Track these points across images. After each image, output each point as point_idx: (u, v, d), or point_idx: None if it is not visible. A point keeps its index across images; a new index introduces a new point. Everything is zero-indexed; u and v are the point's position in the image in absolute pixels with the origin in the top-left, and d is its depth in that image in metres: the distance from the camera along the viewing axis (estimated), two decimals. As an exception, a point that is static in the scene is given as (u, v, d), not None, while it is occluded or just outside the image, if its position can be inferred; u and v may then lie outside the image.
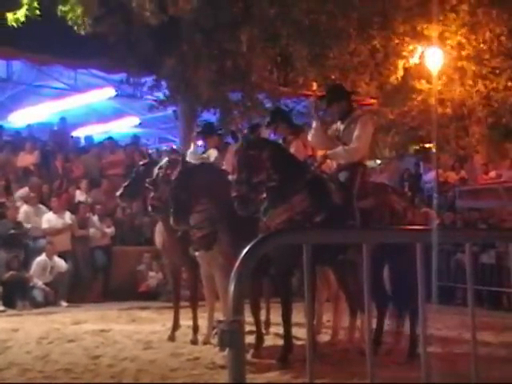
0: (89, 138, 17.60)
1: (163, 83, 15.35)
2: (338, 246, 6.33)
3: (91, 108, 18.99)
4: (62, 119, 17.09)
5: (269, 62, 14.94)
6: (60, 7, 12.81)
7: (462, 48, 17.36)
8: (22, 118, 18.61)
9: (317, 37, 14.66)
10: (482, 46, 17.36)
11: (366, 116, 7.44)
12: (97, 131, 19.50)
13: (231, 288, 2.34)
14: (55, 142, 16.10)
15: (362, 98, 19.12)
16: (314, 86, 16.82)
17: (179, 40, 14.01)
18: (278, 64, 15.19)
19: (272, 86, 15.48)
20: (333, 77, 16.02)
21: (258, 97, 15.44)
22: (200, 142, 8.73)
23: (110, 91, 17.26)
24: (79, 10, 12.51)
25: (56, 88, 17.31)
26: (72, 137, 17.75)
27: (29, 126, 17.04)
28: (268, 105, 15.77)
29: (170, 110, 16.65)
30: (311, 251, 2.51)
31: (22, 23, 11.65)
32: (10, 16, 11.65)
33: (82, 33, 12.57)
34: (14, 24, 11.66)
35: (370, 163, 20.95)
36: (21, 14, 11.59)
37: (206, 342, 7.62)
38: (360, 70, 16.13)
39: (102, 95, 17.57)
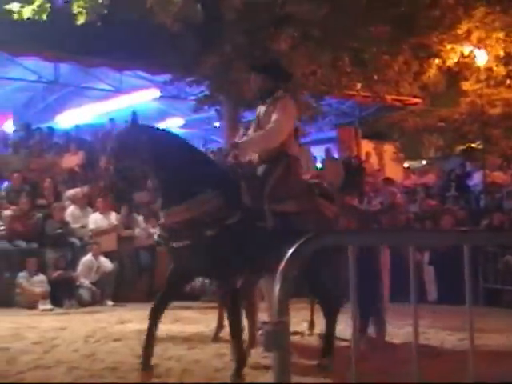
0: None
1: (205, 82, 15.35)
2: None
3: (136, 109, 19.14)
4: (111, 120, 17.25)
5: (312, 62, 14.84)
6: None
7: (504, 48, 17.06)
8: (68, 119, 18.86)
9: (359, 39, 14.51)
10: None
11: (286, 98, 6.25)
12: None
13: (276, 289, 2.33)
14: (103, 144, 16.25)
15: (406, 98, 18.96)
16: (358, 86, 16.72)
17: (222, 39, 14.01)
18: (322, 64, 15.06)
19: (315, 86, 15.40)
20: (375, 77, 15.88)
21: (302, 96, 15.36)
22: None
23: (155, 92, 17.41)
24: None
25: (101, 90, 17.52)
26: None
27: (77, 126, 17.22)
28: (313, 105, 15.83)
29: (212, 112, 16.69)
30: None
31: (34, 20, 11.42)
32: (15, 9, 11.33)
33: (79, 22, 11.94)
34: (16, 18, 11.33)
35: (413, 163, 20.84)
36: (27, 10, 11.28)
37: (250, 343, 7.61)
38: (403, 69, 15.93)
39: (147, 96, 17.74)
